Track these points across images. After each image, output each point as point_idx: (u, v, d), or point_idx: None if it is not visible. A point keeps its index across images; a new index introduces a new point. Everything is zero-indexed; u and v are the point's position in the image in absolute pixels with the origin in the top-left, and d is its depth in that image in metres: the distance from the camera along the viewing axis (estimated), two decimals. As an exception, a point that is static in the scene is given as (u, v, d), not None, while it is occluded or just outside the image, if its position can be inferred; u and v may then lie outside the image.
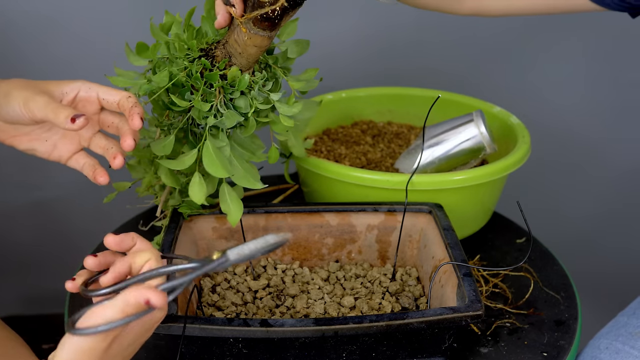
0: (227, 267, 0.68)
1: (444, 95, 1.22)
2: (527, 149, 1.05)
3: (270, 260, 0.97)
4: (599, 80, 1.54)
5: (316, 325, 0.74)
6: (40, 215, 1.56)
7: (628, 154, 1.61)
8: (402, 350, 0.80)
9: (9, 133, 0.82)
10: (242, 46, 0.79)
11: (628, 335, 0.91)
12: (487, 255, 1.06)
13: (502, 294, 0.97)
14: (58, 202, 1.55)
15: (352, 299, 0.89)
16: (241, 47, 0.80)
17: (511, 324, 0.92)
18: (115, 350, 0.64)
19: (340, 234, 0.97)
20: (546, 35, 1.50)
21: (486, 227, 1.11)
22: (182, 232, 0.91)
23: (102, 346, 0.62)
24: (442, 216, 0.93)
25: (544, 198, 1.63)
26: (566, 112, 1.57)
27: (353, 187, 0.98)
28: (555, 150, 1.58)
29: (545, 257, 1.07)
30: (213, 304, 0.89)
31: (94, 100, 0.80)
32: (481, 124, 1.05)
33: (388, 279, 0.94)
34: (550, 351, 0.87)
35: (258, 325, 0.74)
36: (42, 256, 1.58)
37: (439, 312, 0.76)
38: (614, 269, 1.67)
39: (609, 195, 1.65)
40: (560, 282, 1.01)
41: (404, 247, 0.97)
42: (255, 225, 0.95)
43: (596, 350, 0.91)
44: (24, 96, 0.77)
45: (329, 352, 0.78)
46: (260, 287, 0.92)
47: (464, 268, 0.83)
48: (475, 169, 0.99)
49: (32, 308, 1.63)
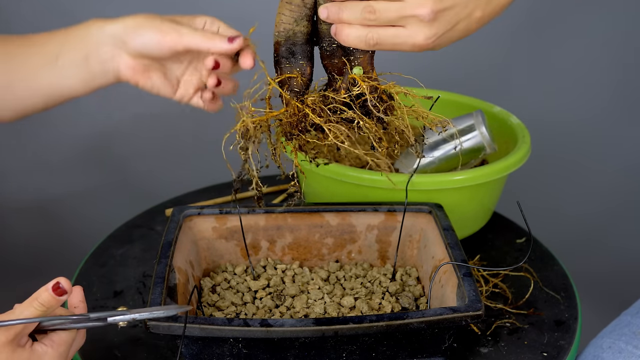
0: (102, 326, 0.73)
1: (444, 95, 1.21)
2: (527, 149, 1.04)
3: (270, 260, 0.97)
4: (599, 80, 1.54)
5: (316, 325, 0.74)
6: (41, 216, 1.56)
7: (628, 154, 1.61)
8: (402, 350, 0.79)
9: (136, 69, 0.82)
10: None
11: (631, 335, 0.90)
12: (487, 255, 1.06)
13: (502, 294, 0.97)
14: (58, 203, 1.55)
15: (352, 299, 0.89)
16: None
17: (511, 324, 0.92)
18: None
19: (340, 234, 0.97)
20: (546, 35, 1.50)
21: (486, 227, 1.11)
22: (182, 232, 0.91)
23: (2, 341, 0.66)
24: (442, 216, 0.93)
25: (544, 198, 1.63)
26: (566, 112, 1.57)
27: (353, 187, 0.98)
28: (555, 150, 1.58)
29: (545, 257, 1.07)
30: (213, 304, 0.89)
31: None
32: (481, 124, 1.05)
33: (388, 279, 0.94)
34: (550, 351, 0.87)
35: (258, 325, 0.74)
36: (42, 257, 1.58)
37: (439, 312, 0.76)
38: (614, 269, 1.67)
39: (609, 195, 1.65)
40: (560, 282, 1.01)
41: (404, 247, 0.96)
42: (256, 225, 0.95)
43: (599, 349, 0.91)
44: (161, 29, 0.78)
45: (329, 352, 0.78)
46: (260, 287, 0.92)
47: (464, 268, 0.83)
48: (475, 169, 0.99)
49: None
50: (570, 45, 1.50)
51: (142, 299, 0.96)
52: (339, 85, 0.79)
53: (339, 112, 0.77)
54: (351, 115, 0.77)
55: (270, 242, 0.96)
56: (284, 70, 0.80)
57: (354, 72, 0.78)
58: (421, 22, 0.74)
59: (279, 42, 0.79)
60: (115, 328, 0.90)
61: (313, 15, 0.79)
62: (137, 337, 0.88)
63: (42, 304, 0.69)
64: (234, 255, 0.96)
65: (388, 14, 0.74)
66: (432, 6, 0.74)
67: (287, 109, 0.78)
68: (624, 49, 1.49)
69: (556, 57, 1.51)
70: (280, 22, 0.79)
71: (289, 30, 0.79)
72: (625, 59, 1.50)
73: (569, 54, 1.51)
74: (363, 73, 0.78)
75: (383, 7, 0.74)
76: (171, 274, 0.82)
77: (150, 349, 0.87)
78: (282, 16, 0.78)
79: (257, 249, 0.97)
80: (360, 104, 0.78)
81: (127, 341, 0.88)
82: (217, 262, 0.96)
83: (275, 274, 0.95)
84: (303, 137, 0.77)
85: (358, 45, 0.76)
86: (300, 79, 0.79)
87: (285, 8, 0.78)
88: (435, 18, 0.74)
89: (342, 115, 0.77)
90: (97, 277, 1.01)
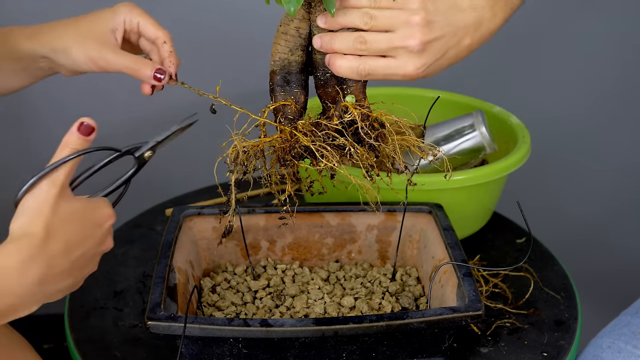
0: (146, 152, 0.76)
1: (444, 95, 1.21)
2: (527, 149, 1.04)
3: (270, 260, 0.97)
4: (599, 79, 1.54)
5: (316, 325, 0.74)
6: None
7: (628, 154, 1.60)
8: (402, 350, 0.80)
9: (77, 73, 0.84)
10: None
11: (631, 335, 0.90)
12: (487, 255, 1.06)
13: (502, 294, 0.97)
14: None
15: (352, 299, 0.89)
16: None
17: (511, 324, 0.92)
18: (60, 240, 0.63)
19: (340, 234, 0.97)
20: (546, 35, 1.50)
21: (486, 227, 1.11)
22: (182, 232, 0.91)
23: (53, 193, 0.63)
24: (442, 216, 0.93)
25: (544, 198, 1.63)
26: (566, 111, 1.57)
27: (353, 187, 0.98)
28: (555, 150, 1.58)
29: (545, 257, 1.07)
30: (213, 304, 0.89)
31: (135, 30, 0.82)
32: (481, 124, 1.05)
33: (388, 279, 0.94)
34: (550, 351, 0.87)
35: (258, 325, 0.74)
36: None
37: (439, 312, 0.76)
38: (614, 268, 1.66)
39: (609, 195, 1.65)
40: (560, 282, 1.01)
41: (404, 247, 0.96)
42: (256, 225, 0.95)
43: (598, 349, 0.91)
44: (89, 55, 0.79)
45: (329, 352, 0.78)
46: (260, 287, 0.92)
47: (464, 268, 0.83)
48: (475, 169, 0.99)
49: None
50: (570, 45, 1.50)
51: (142, 299, 0.96)
52: (332, 113, 0.80)
53: (331, 139, 0.78)
54: (343, 142, 0.78)
55: (270, 242, 0.96)
56: (278, 98, 0.81)
57: (346, 100, 0.80)
58: (411, 53, 0.77)
59: (274, 71, 0.81)
60: (115, 328, 0.90)
61: (308, 45, 0.81)
62: (137, 337, 0.88)
63: (74, 147, 0.66)
64: (234, 255, 0.96)
65: (378, 44, 0.77)
66: (421, 37, 0.76)
67: (280, 135, 0.79)
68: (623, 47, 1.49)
69: (556, 57, 1.51)
70: (275, 52, 0.81)
71: (284, 60, 0.80)
72: (625, 56, 1.50)
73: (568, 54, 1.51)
74: (355, 101, 0.80)
75: (374, 38, 0.77)
76: (171, 274, 0.82)
77: (150, 349, 0.87)
78: (277, 46, 0.80)
79: (257, 249, 0.97)
80: (352, 132, 0.79)
81: (127, 341, 0.88)
82: (217, 262, 0.96)
83: (275, 274, 0.95)
84: (296, 162, 0.78)
85: (350, 76, 0.78)
86: (294, 107, 0.80)
87: (281, 38, 0.80)
88: (425, 49, 0.77)
89: (335, 142, 0.78)
90: (97, 277, 1.01)
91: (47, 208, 0.62)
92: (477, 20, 0.79)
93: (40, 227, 0.62)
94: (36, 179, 0.64)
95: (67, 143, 0.66)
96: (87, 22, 0.81)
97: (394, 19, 0.77)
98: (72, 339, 0.89)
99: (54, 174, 0.64)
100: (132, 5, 0.82)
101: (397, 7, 0.77)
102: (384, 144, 0.80)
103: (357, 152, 0.78)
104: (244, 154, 0.78)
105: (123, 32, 0.81)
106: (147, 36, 0.81)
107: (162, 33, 0.81)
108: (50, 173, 0.64)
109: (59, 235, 0.63)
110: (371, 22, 0.77)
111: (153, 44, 0.81)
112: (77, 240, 0.64)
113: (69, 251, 0.63)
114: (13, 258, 0.60)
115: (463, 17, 0.79)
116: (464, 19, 0.79)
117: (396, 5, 0.77)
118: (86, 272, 0.67)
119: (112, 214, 0.69)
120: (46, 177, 0.64)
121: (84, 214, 0.66)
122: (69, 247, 0.63)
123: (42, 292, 0.62)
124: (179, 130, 0.78)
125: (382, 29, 0.77)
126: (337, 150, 0.78)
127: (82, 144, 0.67)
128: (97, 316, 0.93)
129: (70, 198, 0.65)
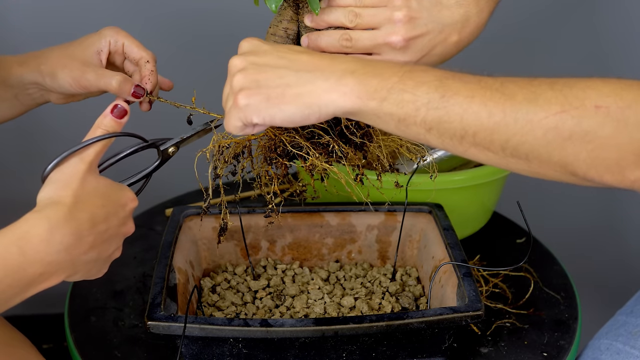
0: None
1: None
2: (527, 149, 1.04)
3: (270, 260, 0.97)
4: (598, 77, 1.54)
5: (316, 326, 0.74)
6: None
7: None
8: (402, 350, 0.80)
9: (67, 98, 0.85)
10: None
11: (628, 335, 0.90)
12: (487, 255, 1.06)
13: (502, 294, 0.97)
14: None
15: (352, 299, 0.89)
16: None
17: (511, 324, 0.92)
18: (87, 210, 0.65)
19: (340, 234, 0.97)
20: (546, 34, 1.50)
21: (486, 227, 1.11)
22: (182, 232, 0.91)
23: (82, 168, 0.65)
24: (442, 216, 0.93)
25: (544, 198, 1.63)
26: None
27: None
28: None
29: (545, 257, 1.07)
30: (213, 304, 0.89)
31: (120, 52, 0.83)
32: (481, 124, 1.05)
33: (388, 279, 0.94)
34: (550, 351, 0.87)
35: (258, 325, 0.74)
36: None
37: (439, 312, 0.76)
38: (614, 268, 1.66)
39: (609, 195, 1.65)
40: (560, 282, 1.01)
41: (404, 247, 0.96)
42: (256, 225, 0.95)
43: (597, 352, 0.91)
44: (73, 76, 0.80)
45: (329, 352, 0.78)
46: (260, 287, 0.92)
47: (464, 268, 0.83)
48: (475, 169, 0.99)
49: (32, 308, 1.63)
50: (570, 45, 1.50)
51: (142, 299, 0.96)
52: None
53: (317, 137, 0.79)
54: (327, 139, 0.78)
55: (270, 242, 0.96)
56: None
57: None
58: (394, 50, 0.78)
59: None
60: (115, 328, 0.90)
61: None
62: (137, 337, 0.89)
63: (106, 129, 0.69)
64: (234, 255, 0.96)
65: (363, 42, 0.78)
66: (404, 34, 0.77)
67: (265, 134, 0.80)
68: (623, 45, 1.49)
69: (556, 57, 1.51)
70: None
71: None
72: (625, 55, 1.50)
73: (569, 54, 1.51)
74: None
75: (358, 36, 0.78)
76: (171, 274, 0.82)
77: (150, 349, 0.87)
78: None
79: (257, 249, 0.97)
80: (339, 132, 0.79)
81: (127, 341, 0.88)
82: (217, 262, 0.96)
83: (275, 274, 0.95)
84: (281, 160, 0.78)
85: None
86: None
87: (270, 39, 0.81)
88: (408, 45, 0.78)
89: (320, 140, 0.78)
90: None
91: (75, 180, 0.65)
92: (463, 16, 0.80)
93: (69, 195, 0.64)
94: (66, 155, 0.66)
95: (99, 124, 0.69)
96: (74, 45, 0.83)
97: (378, 17, 0.78)
98: (72, 339, 0.89)
99: (84, 151, 0.66)
100: (117, 29, 0.83)
101: (381, 4, 0.78)
102: (370, 142, 0.80)
103: (341, 149, 0.78)
104: (227, 149, 0.79)
105: (108, 54, 0.82)
106: (132, 57, 0.83)
107: (146, 54, 0.82)
108: (80, 150, 0.66)
109: (85, 205, 0.64)
110: (356, 19, 0.78)
111: (136, 65, 0.82)
112: (102, 215, 0.66)
113: (94, 223, 0.65)
114: (41, 226, 0.62)
115: (449, 14, 0.79)
116: (451, 16, 0.79)
117: (381, 3, 0.78)
118: (110, 251, 0.68)
119: (135, 197, 0.71)
120: (76, 153, 0.66)
121: (110, 192, 0.68)
122: (94, 219, 0.65)
123: (69, 261, 0.63)
124: (202, 131, 0.79)
125: (367, 26, 0.78)
126: (321, 148, 0.79)
127: (114, 126, 0.70)
128: (97, 316, 0.93)
129: (97, 176, 0.67)
